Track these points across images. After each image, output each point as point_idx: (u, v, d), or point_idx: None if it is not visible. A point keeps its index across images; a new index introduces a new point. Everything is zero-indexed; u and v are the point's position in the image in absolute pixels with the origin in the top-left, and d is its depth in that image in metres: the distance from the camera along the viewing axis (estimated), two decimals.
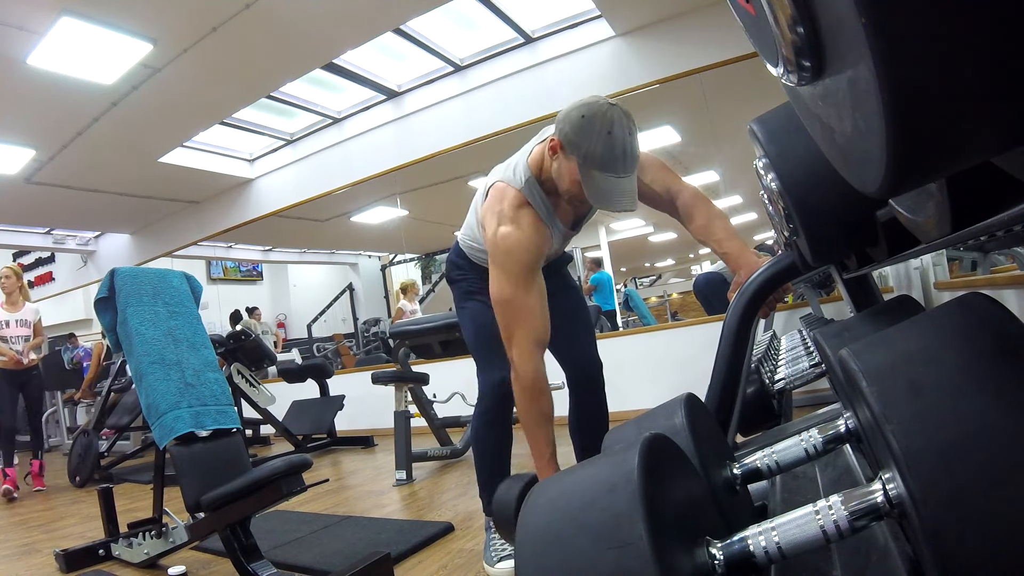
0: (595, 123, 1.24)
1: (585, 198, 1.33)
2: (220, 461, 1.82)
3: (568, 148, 1.28)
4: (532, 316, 1.34)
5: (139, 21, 3.08)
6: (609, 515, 0.51)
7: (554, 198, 1.45)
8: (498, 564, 1.57)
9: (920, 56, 0.27)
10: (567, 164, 1.30)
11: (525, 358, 1.33)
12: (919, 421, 0.46)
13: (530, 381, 1.33)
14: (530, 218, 1.39)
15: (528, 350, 1.33)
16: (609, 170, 1.25)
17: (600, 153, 1.24)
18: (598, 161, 1.25)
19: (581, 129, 1.25)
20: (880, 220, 0.82)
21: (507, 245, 1.36)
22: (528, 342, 1.33)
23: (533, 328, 1.34)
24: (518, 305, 1.34)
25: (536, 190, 1.42)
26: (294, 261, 9.60)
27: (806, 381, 1.86)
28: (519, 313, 1.34)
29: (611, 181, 1.26)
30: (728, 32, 3.41)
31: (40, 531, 2.70)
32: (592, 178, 1.27)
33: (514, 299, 1.34)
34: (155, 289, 2.02)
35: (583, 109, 1.27)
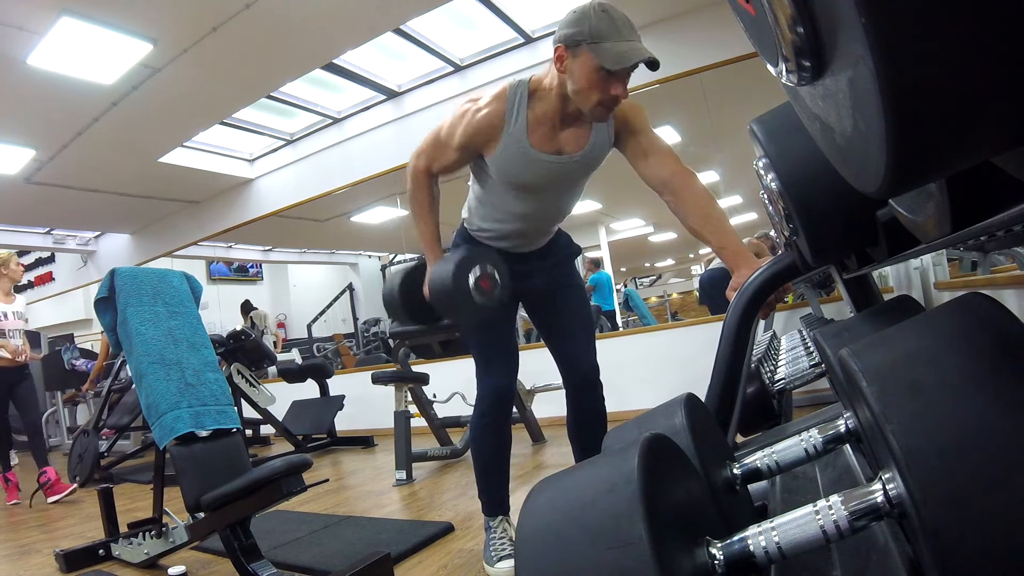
0: (587, 9, 1.29)
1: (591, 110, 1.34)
2: (220, 461, 1.82)
3: (572, 42, 1.30)
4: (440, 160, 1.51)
5: (139, 21, 3.08)
6: (609, 515, 0.51)
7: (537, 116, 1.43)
8: (498, 564, 1.57)
9: (920, 56, 0.28)
10: (577, 62, 1.31)
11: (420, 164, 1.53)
12: (919, 421, 0.46)
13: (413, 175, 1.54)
14: (491, 107, 1.42)
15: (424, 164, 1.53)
16: (617, 37, 1.27)
17: (604, 26, 1.27)
18: (603, 33, 1.27)
19: (577, 18, 1.30)
20: (880, 220, 0.82)
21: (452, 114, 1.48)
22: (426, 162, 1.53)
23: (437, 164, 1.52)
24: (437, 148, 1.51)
25: (522, 96, 1.42)
26: (294, 261, 9.60)
27: (806, 381, 1.86)
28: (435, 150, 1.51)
29: (624, 44, 1.27)
30: (728, 32, 3.41)
31: (40, 531, 2.70)
32: (606, 50, 1.27)
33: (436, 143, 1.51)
34: (155, 289, 2.02)
35: (571, 9, 1.33)
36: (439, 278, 1.46)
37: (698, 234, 1.40)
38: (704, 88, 3.88)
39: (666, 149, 1.47)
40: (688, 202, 1.40)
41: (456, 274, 1.41)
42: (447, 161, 1.51)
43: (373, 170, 4.89)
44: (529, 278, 1.65)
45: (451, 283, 1.41)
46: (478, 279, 1.44)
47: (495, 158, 1.45)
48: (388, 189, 5.42)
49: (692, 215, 1.40)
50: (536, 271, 1.66)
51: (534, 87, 1.43)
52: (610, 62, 1.27)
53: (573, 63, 1.31)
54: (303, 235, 8.08)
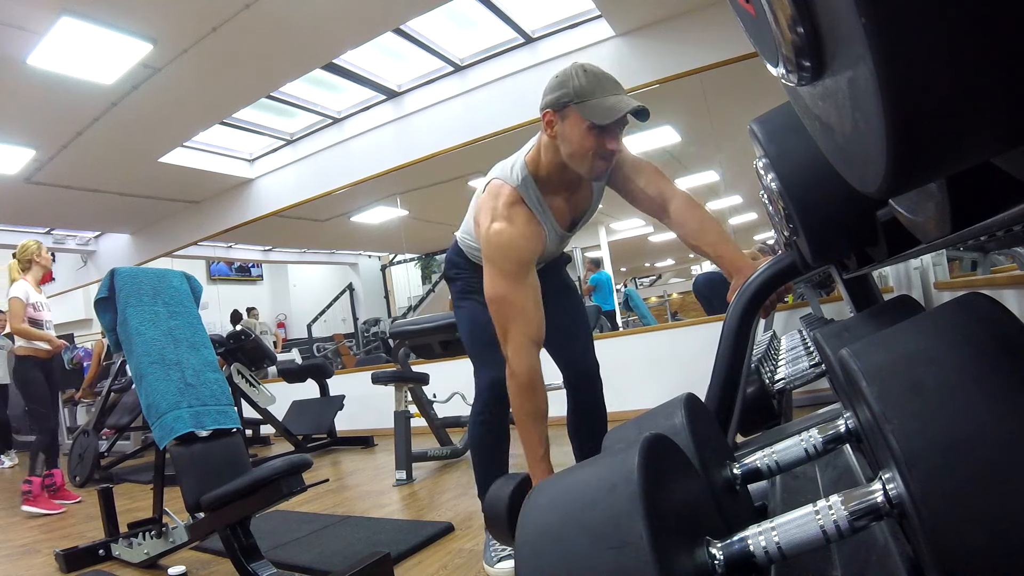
0: (566, 71, 1.31)
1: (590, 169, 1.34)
2: (220, 461, 1.82)
3: (558, 106, 1.31)
4: (526, 313, 1.34)
5: (139, 21, 3.08)
6: (609, 515, 0.51)
7: (550, 199, 1.45)
8: (498, 564, 1.57)
9: (920, 56, 0.27)
10: (566, 125, 1.31)
11: (520, 355, 1.32)
12: (919, 421, 0.46)
13: (525, 378, 1.32)
14: (524, 215, 1.40)
15: (523, 346, 1.32)
16: (602, 93, 1.28)
17: (587, 84, 1.28)
18: (589, 89, 1.28)
19: (559, 83, 1.31)
20: (880, 220, 0.82)
21: (500, 241, 1.36)
22: (523, 338, 1.33)
23: (527, 324, 1.33)
24: (511, 302, 1.34)
25: (532, 188, 1.42)
26: (294, 261, 9.60)
27: (806, 381, 1.86)
28: (513, 311, 1.33)
29: (610, 98, 1.28)
30: (728, 32, 3.41)
31: (40, 531, 2.70)
32: (593, 107, 1.28)
33: (507, 296, 1.34)
34: (155, 289, 2.02)
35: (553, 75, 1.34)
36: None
37: (696, 247, 1.42)
38: (704, 88, 3.88)
39: (651, 168, 1.49)
40: (686, 218, 1.42)
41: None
42: (532, 296, 1.36)
43: (373, 170, 4.89)
44: None
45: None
46: None
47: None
48: (388, 189, 5.42)
49: (688, 230, 1.42)
50: None
51: (533, 170, 1.43)
52: (599, 117, 1.27)
53: (563, 126, 1.32)
54: (303, 235, 8.08)
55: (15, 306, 3.28)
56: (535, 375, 1.34)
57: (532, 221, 1.41)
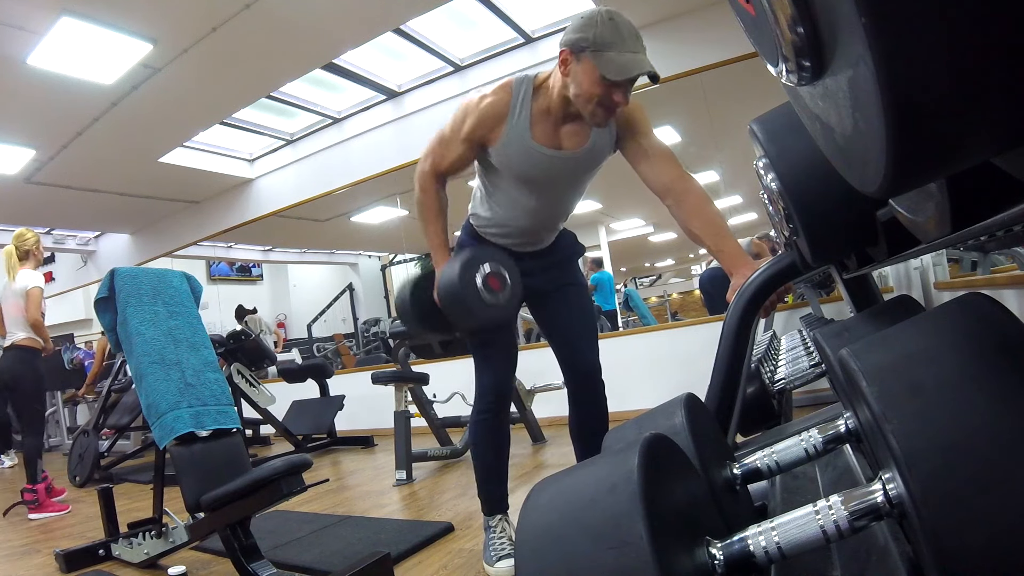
0: (593, 15, 1.30)
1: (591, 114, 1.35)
2: (220, 461, 1.82)
3: (576, 48, 1.31)
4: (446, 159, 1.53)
5: (139, 21, 3.08)
6: (609, 515, 0.51)
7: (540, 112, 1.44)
8: (497, 564, 1.57)
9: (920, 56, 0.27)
10: (580, 67, 1.32)
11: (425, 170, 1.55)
12: (919, 421, 0.46)
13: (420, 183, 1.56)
14: (496, 99, 1.44)
15: (428, 170, 1.55)
16: (621, 48, 1.28)
17: (608, 35, 1.28)
18: (607, 42, 1.28)
19: (583, 24, 1.30)
20: (880, 220, 0.82)
21: (466, 103, 1.48)
22: (431, 166, 1.55)
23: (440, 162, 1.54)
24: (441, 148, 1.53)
25: (527, 91, 1.44)
26: (294, 261, 9.60)
27: (806, 381, 1.86)
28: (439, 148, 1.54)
29: (627, 55, 1.28)
30: (728, 32, 3.40)
31: (40, 531, 2.70)
32: (608, 59, 1.28)
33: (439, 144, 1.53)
34: (155, 289, 2.02)
35: (580, 14, 1.32)
36: (447, 280, 1.44)
37: (697, 238, 1.41)
38: (704, 88, 3.88)
39: (667, 152, 1.48)
40: (688, 206, 1.41)
41: (463, 273, 1.40)
42: (453, 156, 1.51)
43: (373, 170, 4.89)
44: (532, 276, 1.65)
45: (458, 283, 1.40)
46: (486, 277, 1.44)
47: (498, 149, 1.47)
48: (388, 189, 5.42)
49: (692, 219, 1.41)
50: (539, 269, 1.66)
51: (538, 83, 1.44)
52: (612, 72, 1.28)
53: (576, 68, 1.32)
54: (303, 235, 8.08)
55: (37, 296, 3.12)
56: (427, 181, 1.56)
57: (499, 106, 1.44)
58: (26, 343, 3.15)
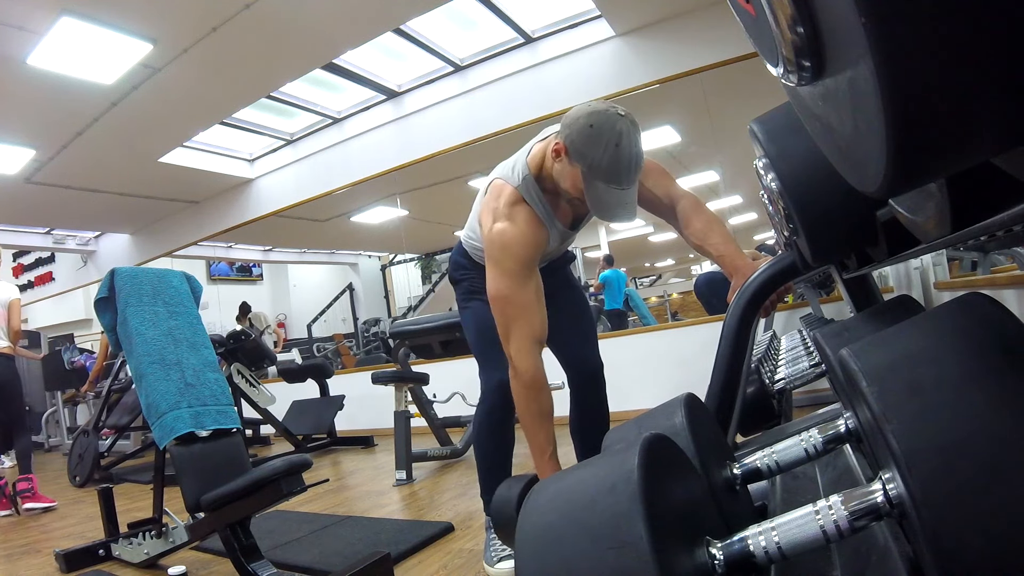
0: (603, 135, 1.23)
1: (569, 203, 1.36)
2: (220, 461, 1.82)
3: (573, 155, 1.28)
4: (529, 313, 1.33)
5: (139, 21, 3.08)
6: (609, 515, 0.51)
7: (551, 197, 1.44)
8: (498, 564, 1.57)
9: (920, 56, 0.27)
10: (570, 170, 1.30)
11: (523, 355, 1.32)
12: (919, 421, 0.46)
13: (529, 378, 1.33)
14: (526, 215, 1.40)
15: (526, 347, 1.32)
16: (613, 182, 1.25)
17: (606, 166, 1.23)
18: (603, 173, 1.24)
19: (589, 139, 1.24)
20: (880, 220, 0.82)
21: (503, 241, 1.36)
22: (526, 339, 1.33)
23: (531, 325, 1.33)
24: (515, 302, 1.33)
25: (533, 189, 1.42)
26: (294, 261, 9.60)
27: (806, 381, 1.86)
28: (516, 310, 1.33)
29: (614, 193, 1.27)
30: (728, 32, 3.41)
31: (40, 531, 2.70)
32: (595, 188, 1.27)
33: (511, 296, 1.33)
34: (155, 289, 2.02)
35: (592, 118, 1.25)
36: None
37: (699, 247, 1.42)
38: (704, 88, 3.88)
39: (658, 169, 1.49)
40: (691, 217, 1.43)
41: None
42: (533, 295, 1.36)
43: (373, 170, 4.89)
44: None
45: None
46: None
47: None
48: (388, 189, 5.42)
49: (693, 230, 1.42)
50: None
51: (536, 172, 1.42)
52: (592, 204, 1.29)
53: (567, 166, 1.31)
54: (303, 235, 8.08)
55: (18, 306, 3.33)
56: (539, 375, 1.34)
57: (534, 220, 1.40)
58: (6, 351, 3.36)
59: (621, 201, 1.28)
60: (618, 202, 1.27)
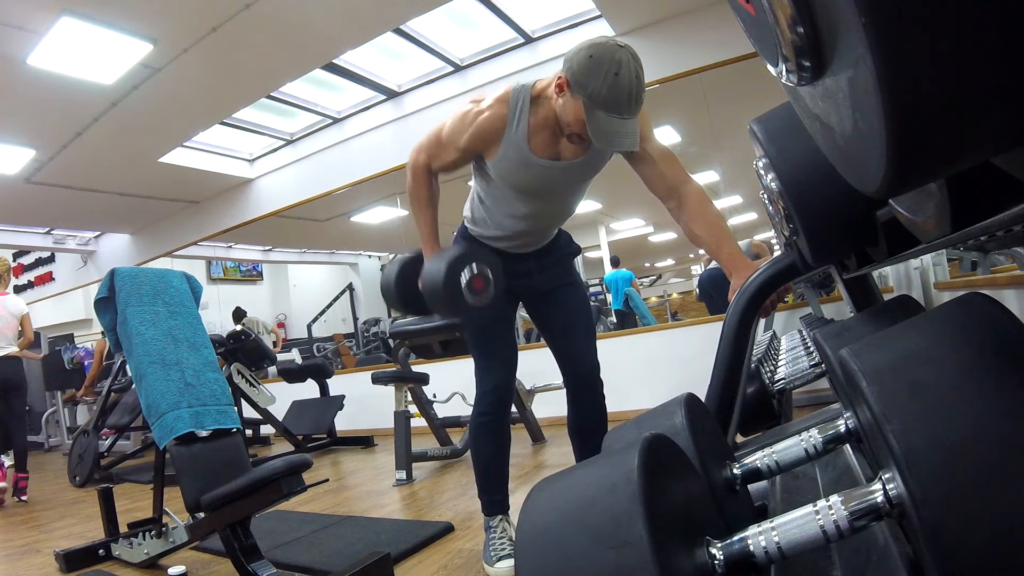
0: (602, 64, 1.24)
1: (586, 135, 1.33)
2: (220, 461, 1.82)
3: (574, 87, 1.29)
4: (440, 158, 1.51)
5: (139, 21, 3.08)
6: (609, 515, 0.51)
7: (537, 121, 1.43)
8: (497, 564, 1.57)
9: (920, 56, 0.28)
10: (572, 102, 1.31)
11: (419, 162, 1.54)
12: (919, 421, 0.46)
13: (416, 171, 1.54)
14: (495, 111, 1.43)
15: (422, 162, 1.53)
16: (613, 111, 1.26)
17: (605, 94, 1.24)
18: (603, 102, 1.25)
19: (588, 70, 1.26)
20: (880, 220, 0.82)
21: (459, 113, 1.47)
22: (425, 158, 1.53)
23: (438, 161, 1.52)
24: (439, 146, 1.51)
25: (524, 101, 1.43)
26: (294, 261, 9.59)
27: (806, 381, 1.86)
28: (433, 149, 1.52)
29: (615, 122, 1.27)
30: (728, 32, 3.40)
31: (40, 531, 2.70)
32: (596, 118, 1.27)
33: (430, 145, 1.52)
34: (155, 289, 2.02)
35: (592, 49, 1.27)
36: (432, 274, 1.47)
37: (697, 239, 1.41)
38: (704, 88, 3.88)
39: (668, 155, 1.47)
40: (690, 208, 1.41)
41: (448, 272, 1.42)
42: (447, 160, 1.51)
43: (373, 170, 4.89)
44: (529, 277, 1.65)
45: (443, 281, 1.42)
46: (471, 279, 1.45)
47: (496, 161, 1.46)
48: (388, 189, 5.42)
49: (693, 221, 1.41)
50: (536, 270, 1.66)
51: (537, 92, 1.43)
52: (593, 133, 1.29)
53: (568, 99, 1.32)
54: (303, 235, 8.08)
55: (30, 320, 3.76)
56: (419, 172, 1.54)
57: (497, 119, 1.43)
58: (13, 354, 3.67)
59: (622, 130, 1.28)
60: (619, 131, 1.27)
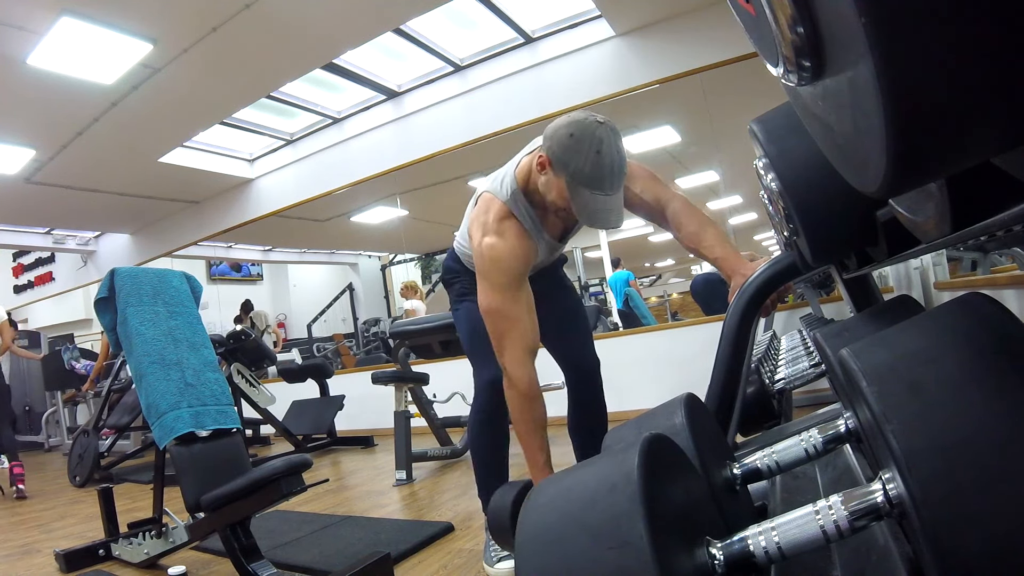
0: (583, 143, 1.24)
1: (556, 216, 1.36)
2: (220, 461, 1.82)
3: (556, 166, 1.29)
4: (521, 324, 1.36)
5: (139, 21, 3.08)
6: (609, 515, 0.51)
7: (540, 211, 1.45)
8: (498, 564, 1.57)
9: (920, 56, 0.27)
10: (555, 181, 1.31)
11: (518, 365, 1.35)
12: (919, 421, 0.46)
13: (525, 387, 1.35)
14: (514, 229, 1.41)
15: (520, 358, 1.35)
16: (597, 189, 1.26)
17: (588, 172, 1.25)
18: (586, 180, 1.25)
19: (569, 148, 1.26)
20: (880, 220, 0.82)
21: (492, 255, 1.38)
22: (519, 350, 1.35)
23: (523, 336, 1.36)
24: (506, 315, 1.36)
25: (521, 202, 1.43)
26: (294, 261, 9.59)
27: (806, 381, 1.86)
28: (508, 323, 1.36)
29: (599, 199, 1.27)
30: (728, 32, 3.41)
31: (40, 531, 2.70)
32: (580, 196, 1.28)
33: (502, 309, 1.36)
34: (155, 289, 2.02)
35: (571, 127, 1.26)
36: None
37: (694, 250, 1.42)
38: (704, 88, 3.88)
39: (647, 173, 1.49)
40: (684, 220, 1.42)
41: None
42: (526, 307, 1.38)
43: (373, 170, 4.89)
44: None
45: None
46: None
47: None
48: (388, 189, 5.42)
49: (686, 233, 1.42)
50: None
51: (523, 185, 1.43)
52: (578, 212, 1.29)
53: (551, 178, 1.32)
54: (303, 235, 8.08)
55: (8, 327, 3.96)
56: (534, 385, 1.36)
57: (522, 234, 1.42)
58: None
59: (606, 207, 1.28)
60: (603, 208, 1.28)
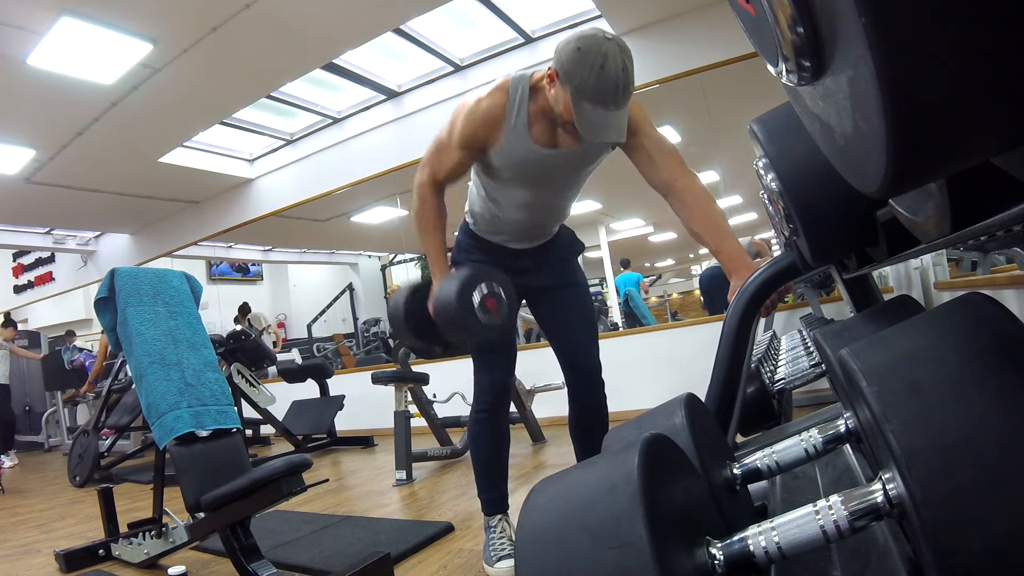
0: (589, 56, 1.25)
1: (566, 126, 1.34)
2: (220, 461, 1.82)
3: (562, 78, 1.29)
4: (443, 165, 1.51)
5: (139, 21, 3.08)
6: (609, 515, 0.51)
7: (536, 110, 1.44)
8: (497, 564, 1.57)
9: (920, 56, 0.27)
10: (561, 93, 1.31)
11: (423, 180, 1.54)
12: (919, 421, 0.46)
13: (421, 191, 1.55)
14: (495, 101, 1.43)
15: (427, 179, 1.53)
16: (599, 103, 1.26)
17: (592, 86, 1.24)
18: (589, 94, 1.25)
19: (575, 61, 1.26)
20: (880, 220, 0.82)
21: (461, 107, 1.48)
22: (430, 175, 1.53)
23: (441, 165, 1.52)
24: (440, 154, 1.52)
25: (522, 90, 1.43)
26: (294, 261, 9.59)
27: (806, 381, 1.86)
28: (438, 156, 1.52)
29: (600, 114, 1.27)
30: (728, 32, 3.40)
31: (40, 531, 2.70)
32: (583, 110, 1.27)
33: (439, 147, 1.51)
34: (155, 289, 2.02)
35: (579, 41, 1.27)
36: (444, 297, 1.42)
37: (698, 236, 1.41)
38: (704, 88, 3.88)
39: (670, 149, 1.47)
40: (690, 205, 1.41)
41: (460, 293, 1.39)
42: (451, 164, 1.49)
43: (373, 170, 4.89)
44: (531, 275, 1.66)
45: (455, 302, 1.38)
46: (483, 298, 1.43)
47: (497, 151, 1.47)
48: (388, 189, 5.42)
49: (693, 218, 1.41)
50: (538, 267, 1.67)
51: (535, 82, 1.43)
52: (579, 124, 1.29)
53: (559, 90, 1.32)
54: (303, 235, 8.07)
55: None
56: (425, 192, 1.54)
57: (497, 110, 1.43)
58: None
59: (608, 122, 1.28)
60: (605, 123, 1.28)
